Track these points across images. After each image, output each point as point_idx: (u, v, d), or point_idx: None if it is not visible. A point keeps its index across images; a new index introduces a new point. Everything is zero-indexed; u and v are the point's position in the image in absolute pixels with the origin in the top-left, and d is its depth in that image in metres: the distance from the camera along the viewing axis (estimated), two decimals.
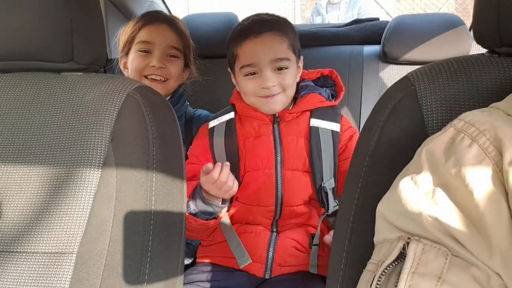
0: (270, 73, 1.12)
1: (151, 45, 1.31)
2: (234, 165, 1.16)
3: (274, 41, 1.13)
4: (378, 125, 0.67)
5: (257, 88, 1.13)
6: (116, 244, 0.71)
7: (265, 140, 1.15)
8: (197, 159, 1.20)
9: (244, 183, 1.15)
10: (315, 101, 1.18)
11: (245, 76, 1.15)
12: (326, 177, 1.13)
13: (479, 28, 0.68)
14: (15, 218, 0.72)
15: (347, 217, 0.67)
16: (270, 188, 1.13)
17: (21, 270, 0.70)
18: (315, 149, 1.13)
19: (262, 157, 1.14)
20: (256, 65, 1.12)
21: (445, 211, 0.47)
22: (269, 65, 1.11)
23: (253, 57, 1.12)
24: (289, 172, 1.13)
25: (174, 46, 1.34)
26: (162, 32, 1.33)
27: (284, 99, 1.16)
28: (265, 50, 1.11)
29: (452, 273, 0.45)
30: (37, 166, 0.73)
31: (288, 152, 1.14)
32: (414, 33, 1.65)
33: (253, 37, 1.13)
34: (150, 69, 1.30)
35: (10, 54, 0.77)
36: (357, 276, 0.54)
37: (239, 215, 1.17)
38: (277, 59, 1.12)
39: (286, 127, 1.16)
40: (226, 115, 1.22)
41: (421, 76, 0.67)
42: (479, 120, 0.50)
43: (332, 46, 1.85)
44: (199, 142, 1.22)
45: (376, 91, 1.67)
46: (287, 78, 1.13)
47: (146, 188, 0.73)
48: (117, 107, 0.75)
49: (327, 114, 1.18)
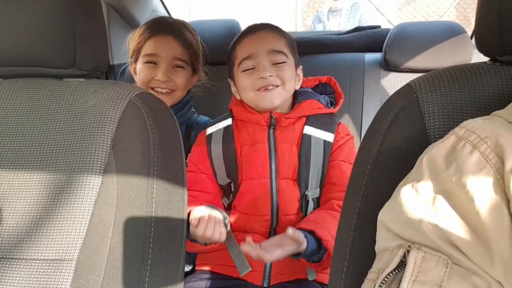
0: (268, 64, 1.12)
1: (157, 57, 1.32)
2: (232, 173, 1.16)
3: (271, 36, 1.17)
4: (380, 133, 0.67)
5: (255, 80, 1.13)
6: (116, 251, 0.71)
7: (260, 148, 1.14)
8: (195, 167, 1.19)
9: (241, 192, 1.15)
10: (313, 107, 1.17)
11: (244, 72, 1.15)
12: (311, 186, 1.13)
13: (481, 36, 0.68)
14: (15, 224, 0.72)
15: (349, 225, 0.67)
16: (265, 197, 1.12)
17: (21, 277, 0.70)
18: (304, 157, 1.12)
19: (257, 166, 1.13)
20: (254, 57, 1.13)
21: (446, 218, 0.47)
22: (266, 56, 1.13)
23: (251, 49, 1.14)
24: (283, 181, 1.12)
25: (179, 58, 1.34)
26: (168, 44, 1.33)
27: (283, 93, 1.15)
28: (261, 43, 1.14)
29: (452, 281, 0.44)
30: (37, 172, 0.73)
31: (282, 160, 1.13)
32: (416, 41, 1.66)
33: (251, 34, 1.17)
34: (156, 82, 1.31)
35: (12, 60, 0.78)
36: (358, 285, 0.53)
37: (237, 223, 1.16)
38: (274, 51, 1.13)
39: (281, 134, 1.15)
40: (224, 121, 1.21)
41: (423, 84, 0.67)
42: (481, 128, 0.50)
43: (333, 54, 1.85)
44: (197, 150, 1.21)
45: (378, 99, 1.67)
46: (284, 71, 1.14)
47: (147, 195, 0.73)
48: (119, 113, 0.75)
49: (323, 122, 1.16)
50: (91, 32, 0.79)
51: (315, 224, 1.01)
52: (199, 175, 1.18)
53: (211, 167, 1.19)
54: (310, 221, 1.04)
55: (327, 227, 0.99)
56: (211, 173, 1.19)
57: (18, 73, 0.81)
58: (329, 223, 1.01)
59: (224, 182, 1.19)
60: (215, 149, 1.18)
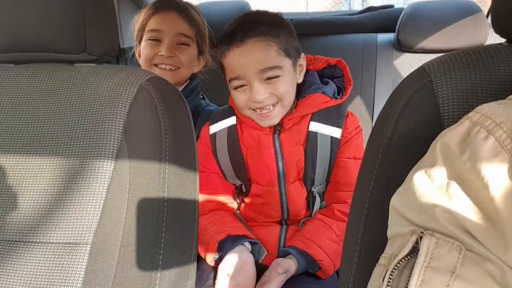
0: (259, 85, 1.02)
1: (160, 33, 1.29)
2: (241, 175, 1.14)
3: (259, 49, 1.01)
4: (392, 117, 0.66)
5: (248, 101, 1.05)
6: (130, 235, 0.72)
7: (266, 154, 1.10)
8: (204, 167, 1.16)
9: (252, 194, 1.14)
10: (319, 102, 1.09)
11: (235, 89, 1.07)
12: (317, 182, 1.12)
13: (497, 16, 0.66)
14: (31, 209, 0.73)
15: (361, 210, 0.67)
16: (275, 204, 1.12)
17: (37, 260, 0.71)
18: (310, 156, 1.09)
19: (265, 173, 1.11)
20: (243, 77, 1.03)
21: (459, 204, 0.46)
22: (256, 76, 1.01)
23: (238, 69, 1.03)
24: (292, 187, 1.10)
25: (184, 34, 1.31)
26: (172, 19, 1.30)
27: (281, 110, 1.07)
28: (248, 62, 1.01)
29: (465, 268, 0.44)
30: (51, 157, 0.74)
31: (290, 164, 1.09)
32: (430, 20, 1.62)
33: (235, 48, 1.02)
34: (159, 58, 1.29)
35: (23, 46, 0.78)
36: (370, 270, 0.53)
37: (249, 217, 1.17)
38: (265, 69, 1.01)
39: (287, 136, 1.09)
40: (227, 119, 1.15)
41: (437, 67, 0.65)
42: (496, 113, 0.49)
43: (345, 34, 1.82)
44: (203, 151, 1.17)
45: (390, 80, 1.64)
46: (280, 87, 1.03)
47: (159, 179, 0.74)
48: (130, 98, 0.75)
49: (330, 116, 1.10)
50: (101, 16, 0.79)
51: (308, 243, 1.03)
52: (210, 175, 1.17)
53: (218, 168, 1.17)
54: (305, 238, 1.05)
55: (321, 244, 1.02)
56: (220, 172, 1.18)
57: (30, 59, 0.81)
58: (323, 237, 1.04)
59: (235, 183, 1.19)
60: (221, 151, 1.15)
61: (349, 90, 1.14)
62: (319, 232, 1.05)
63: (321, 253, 1.01)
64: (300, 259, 1.02)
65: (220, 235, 1.05)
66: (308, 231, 1.07)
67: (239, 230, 1.08)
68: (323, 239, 1.03)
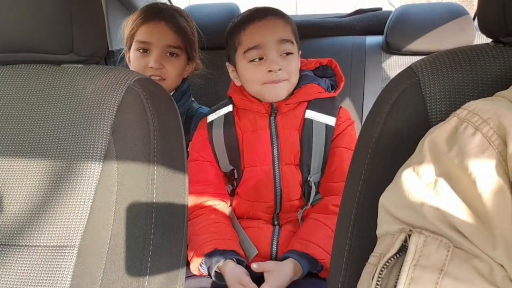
0: (276, 55, 1.10)
1: (149, 44, 1.29)
2: (235, 160, 1.15)
3: (279, 24, 1.13)
4: (381, 117, 0.66)
5: (263, 74, 1.10)
6: (118, 237, 0.71)
7: (262, 135, 1.14)
8: (198, 155, 1.18)
9: (244, 179, 1.15)
10: (314, 91, 1.16)
11: (250, 62, 1.12)
12: (313, 170, 1.13)
13: (483, 17, 0.67)
14: (16, 211, 0.72)
15: (350, 210, 0.67)
16: (269, 184, 1.12)
17: (23, 264, 0.70)
18: (306, 142, 1.12)
19: (260, 153, 1.13)
20: (262, 46, 1.10)
21: (447, 201, 0.46)
22: (275, 47, 1.10)
23: (259, 38, 1.10)
24: (286, 167, 1.12)
25: (172, 45, 1.31)
26: (160, 30, 1.30)
27: (288, 86, 1.14)
28: (270, 31, 1.10)
29: (454, 265, 0.44)
30: (37, 159, 0.73)
31: (284, 146, 1.13)
32: (418, 23, 1.64)
33: (257, 21, 1.12)
34: (148, 70, 1.29)
35: (10, 46, 0.77)
36: (359, 269, 0.53)
37: (241, 210, 1.16)
38: (283, 40, 1.10)
39: (283, 120, 1.14)
40: (224, 108, 1.20)
41: (425, 67, 0.66)
42: (483, 109, 0.49)
43: (334, 37, 1.83)
44: (199, 137, 1.20)
45: (379, 82, 1.66)
46: (292, 63, 1.12)
47: (147, 181, 0.73)
48: (118, 99, 0.74)
49: (324, 106, 1.16)
50: (88, 17, 0.78)
51: (306, 244, 1.03)
52: (203, 163, 1.17)
53: (213, 154, 1.18)
54: (303, 240, 1.05)
55: (319, 242, 1.03)
56: (213, 160, 1.19)
57: (16, 59, 0.81)
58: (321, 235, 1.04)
59: (227, 169, 1.19)
60: (217, 136, 1.17)
61: (342, 85, 1.20)
62: (315, 231, 1.06)
63: (321, 251, 1.02)
64: (302, 261, 1.01)
65: (209, 246, 1.04)
66: (305, 232, 1.07)
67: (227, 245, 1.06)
68: (321, 237, 1.03)
